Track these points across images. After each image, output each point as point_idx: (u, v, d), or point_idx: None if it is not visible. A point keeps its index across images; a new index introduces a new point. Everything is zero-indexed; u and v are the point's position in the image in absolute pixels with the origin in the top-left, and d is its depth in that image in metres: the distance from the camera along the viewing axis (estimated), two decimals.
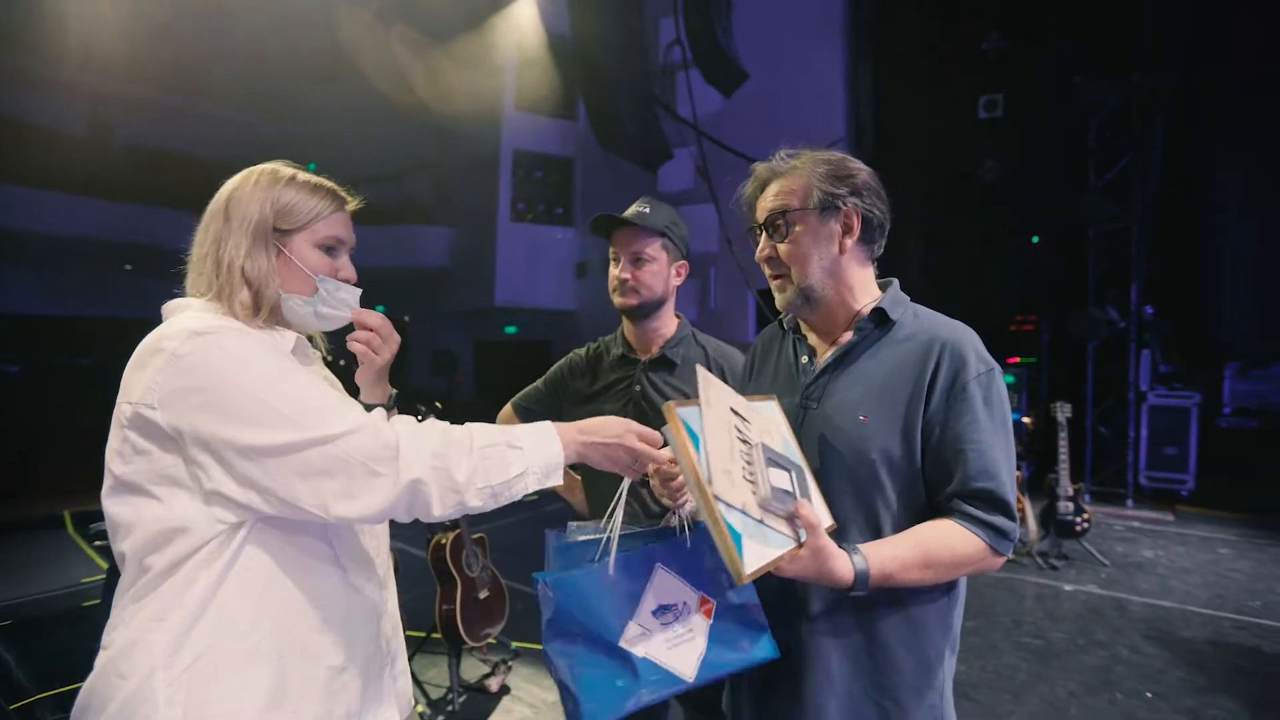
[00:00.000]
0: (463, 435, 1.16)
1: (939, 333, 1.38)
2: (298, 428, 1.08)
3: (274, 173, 1.32)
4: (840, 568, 1.20)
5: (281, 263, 1.29)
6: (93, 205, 12.10)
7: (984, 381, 1.33)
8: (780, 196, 1.45)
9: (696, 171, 11.23)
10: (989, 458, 1.30)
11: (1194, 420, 7.88)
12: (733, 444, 1.20)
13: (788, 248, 1.44)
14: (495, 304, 15.57)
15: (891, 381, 1.37)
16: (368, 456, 1.08)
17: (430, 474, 1.10)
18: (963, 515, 1.29)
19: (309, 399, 1.11)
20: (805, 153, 1.47)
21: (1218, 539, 6.73)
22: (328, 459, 1.07)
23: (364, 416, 1.12)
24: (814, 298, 1.45)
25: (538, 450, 1.23)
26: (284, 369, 1.14)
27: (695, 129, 10.14)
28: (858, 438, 1.36)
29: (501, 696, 3.81)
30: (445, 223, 16.76)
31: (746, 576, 1.08)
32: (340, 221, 1.36)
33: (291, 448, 1.08)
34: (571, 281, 16.65)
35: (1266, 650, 4.35)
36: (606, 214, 2.06)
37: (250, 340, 1.16)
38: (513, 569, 5.28)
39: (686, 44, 9.51)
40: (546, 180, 16.36)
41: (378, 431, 1.10)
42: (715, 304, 12.50)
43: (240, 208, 1.27)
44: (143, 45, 9.60)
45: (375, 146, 14.00)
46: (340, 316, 1.38)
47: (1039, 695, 3.83)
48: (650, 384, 2.07)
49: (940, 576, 1.29)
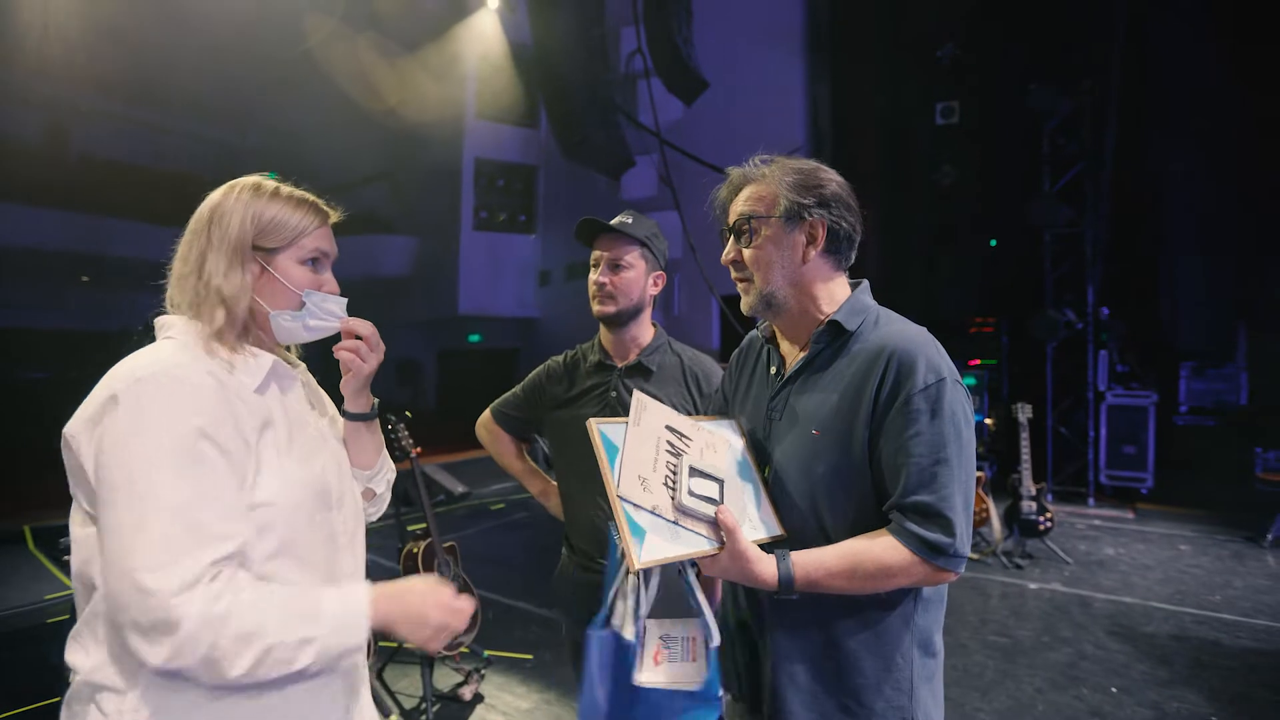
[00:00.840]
0: (267, 637, 1.08)
1: (890, 343, 1.36)
2: (128, 553, 1.03)
3: (256, 187, 1.30)
4: (763, 571, 1.28)
5: (267, 279, 1.28)
6: (48, 216, 11.85)
7: (931, 394, 1.30)
8: (749, 202, 1.46)
9: (659, 179, 11.26)
10: (929, 471, 1.28)
11: (1151, 419, 8.02)
12: (657, 457, 1.33)
13: (752, 253, 1.46)
14: (459, 313, 15.51)
15: (843, 394, 1.38)
16: (153, 625, 1.01)
17: (200, 666, 1.04)
18: (897, 527, 1.29)
19: (166, 525, 1.05)
20: (779, 160, 1.49)
21: (1177, 535, 6.85)
22: (126, 592, 1.02)
23: (188, 580, 1.03)
24: (775, 304, 1.46)
25: (336, 635, 1.15)
26: (180, 468, 1.08)
27: (657, 136, 10.15)
28: (810, 452, 1.39)
29: (475, 705, 3.80)
30: (407, 232, 16.67)
31: (639, 564, 1.19)
32: (324, 235, 1.36)
33: (113, 557, 1.04)
34: (535, 289, 16.62)
35: (1227, 644, 4.42)
36: (591, 218, 2.08)
37: (178, 405, 1.11)
38: (484, 576, 5.27)
39: (647, 53, 9.55)
40: (509, 188, 16.33)
41: (182, 609, 1.02)
42: (679, 310, 12.54)
43: (221, 225, 1.25)
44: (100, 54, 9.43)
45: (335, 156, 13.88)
46: (329, 327, 1.36)
47: (1007, 692, 3.87)
48: (626, 390, 2.08)
49: (868, 587, 1.30)
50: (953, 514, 1.27)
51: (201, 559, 1.05)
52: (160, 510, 1.05)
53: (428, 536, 3.80)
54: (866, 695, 1.38)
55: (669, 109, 11.13)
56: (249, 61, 10.47)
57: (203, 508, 1.08)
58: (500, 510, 8.52)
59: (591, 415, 2.08)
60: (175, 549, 1.04)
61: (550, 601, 5.20)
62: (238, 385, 1.21)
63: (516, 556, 6.76)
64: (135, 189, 12.22)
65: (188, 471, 1.08)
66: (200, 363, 1.18)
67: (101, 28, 8.95)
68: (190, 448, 1.09)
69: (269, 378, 1.28)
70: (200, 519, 1.07)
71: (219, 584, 1.06)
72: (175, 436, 1.08)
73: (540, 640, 4.66)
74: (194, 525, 1.06)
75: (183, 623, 1.01)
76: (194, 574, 1.03)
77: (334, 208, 1.41)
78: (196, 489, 1.08)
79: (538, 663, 4.33)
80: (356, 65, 11.87)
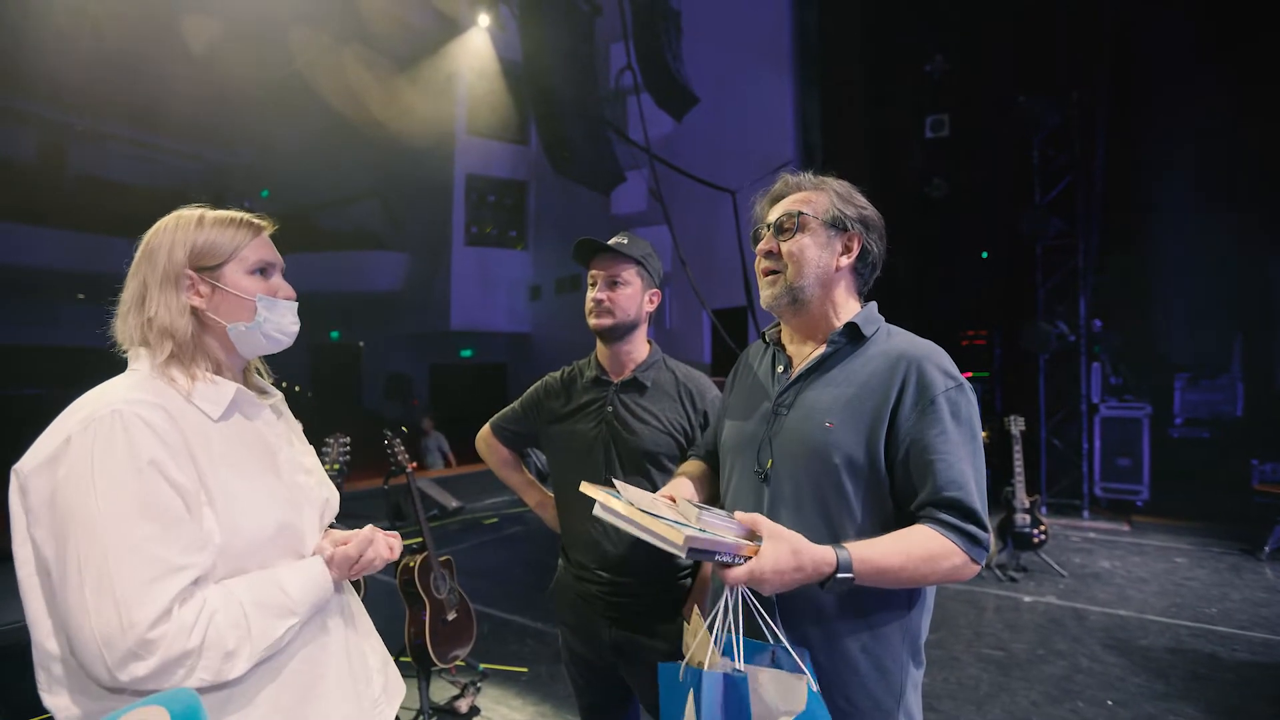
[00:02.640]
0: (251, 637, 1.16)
1: (909, 349, 1.43)
2: (96, 591, 1.04)
3: (178, 218, 1.33)
4: (816, 548, 1.22)
5: (220, 296, 1.30)
6: (45, 234, 12.00)
7: (952, 396, 1.37)
8: (798, 202, 1.54)
9: (649, 194, 11.29)
10: (957, 469, 1.33)
11: (1146, 431, 8.01)
12: (656, 503, 1.35)
13: (790, 246, 1.51)
14: (450, 328, 15.54)
15: (861, 392, 1.41)
16: (127, 655, 1.04)
17: (192, 684, 1.09)
18: (936, 521, 1.31)
19: (131, 562, 1.06)
20: (833, 179, 1.59)
21: (1173, 548, 6.83)
22: (98, 628, 1.04)
23: (159, 612, 1.06)
24: (801, 299, 1.51)
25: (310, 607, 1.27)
26: (137, 505, 1.09)
27: (648, 152, 10.20)
28: (823, 443, 1.40)
29: (471, 717, 3.80)
30: (398, 248, 16.75)
31: (686, 540, 1.12)
32: (263, 245, 1.38)
33: (76, 598, 1.05)
34: (526, 304, 16.65)
35: (1223, 657, 4.38)
36: (588, 239, 2.11)
37: (131, 444, 1.11)
38: (479, 590, 5.23)
39: (637, 69, 9.61)
40: (500, 204, 16.41)
41: (159, 641, 1.06)
42: (670, 324, 12.55)
43: (152, 260, 1.29)
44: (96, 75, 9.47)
45: (327, 174, 13.95)
46: (287, 333, 1.39)
47: (1001, 705, 3.82)
48: (622, 405, 2.12)
49: (917, 574, 1.29)
50: (980, 509, 1.33)
51: (169, 590, 1.07)
52: (122, 549, 1.06)
53: (423, 551, 3.79)
54: (858, 695, 1.40)
55: (659, 125, 11.18)
56: (242, 81, 10.53)
57: (163, 542, 1.10)
58: (494, 524, 8.46)
59: (588, 430, 2.12)
60: (143, 584, 1.06)
61: (546, 614, 5.19)
62: (197, 418, 1.23)
63: (511, 570, 6.71)
64: (131, 208, 12.19)
65: (144, 508, 1.09)
66: (156, 396, 1.19)
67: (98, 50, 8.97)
68: (145, 484, 1.10)
69: (231, 407, 1.30)
70: (161, 553, 1.09)
71: (189, 612, 1.09)
72: (131, 474, 1.09)
73: (535, 654, 4.63)
74: (156, 559, 1.08)
75: (155, 653, 1.04)
76: (164, 605, 1.06)
77: (265, 219, 1.42)
78: (155, 525, 1.10)
79: (533, 676, 4.30)
80: (348, 83, 11.92)
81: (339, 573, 1.33)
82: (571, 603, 2.19)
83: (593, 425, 2.13)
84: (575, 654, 2.21)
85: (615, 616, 2.07)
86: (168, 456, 1.14)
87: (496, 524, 8.50)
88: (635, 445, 2.05)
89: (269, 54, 10.11)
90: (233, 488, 1.22)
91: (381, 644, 1.56)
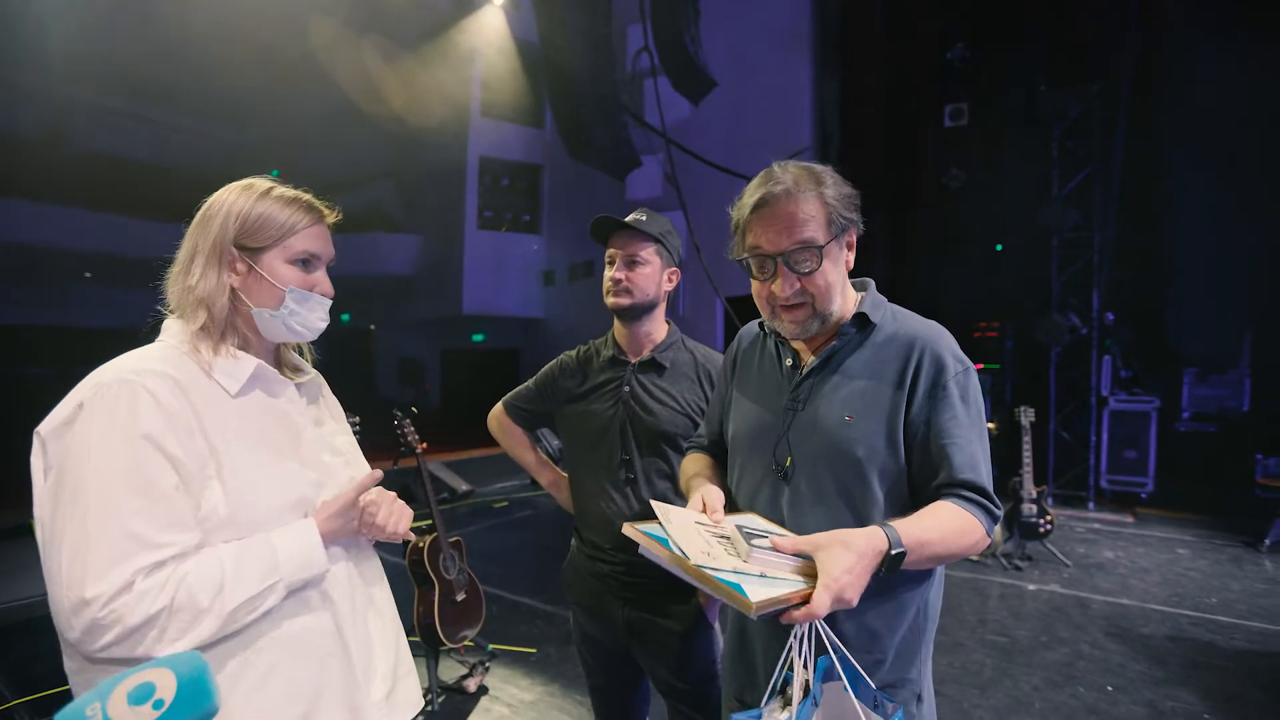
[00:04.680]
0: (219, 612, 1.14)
1: (918, 333, 1.43)
2: (72, 559, 1.07)
3: (247, 186, 1.33)
4: (859, 533, 1.19)
5: (254, 278, 1.30)
6: (51, 212, 11.82)
7: (961, 380, 1.39)
8: (804, 227, 1.37)
9: (665, 179, 11.28)
10: (969, 451, 1.35)
11: (1153, 425, 8.02)
12: (703, 536, 1.27)
13: (818, 281, 1.40)
14: (463, 312, 15.50)
15: (875, 382, 1.41)
16: (88, 629, 1.06)
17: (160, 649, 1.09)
18: (958, 497, 1.33)
19: (107, 534, 1.08)
20: (807, 169, 1.43)
21: (1176, 540, 6.85)
22: (66, 596, 1.06)
23: (118, 586, 1.06)
24: (829, 319, 1.45)
25: (300, 571, 1.24)
26: (124, 478, 1.11)
27: (664, 136, 10.18)
28: (844, 438, 1.40)
29: (479, 697, 3.84)
30: (411, 230, 16.68)
31: (756, 606, 1.07)
32: (315, 235, 1.37)
33: (54, 561, 1.08)
34: (539, 289, 16.62)
35: (1222, 645, 4.43)
36: (606, 216, 2.10)
37: (130, 415, 1.12)
38: (488, 573, 5.29)
39: (655, 52, 9.55)
40: (514, 188, 16.32)
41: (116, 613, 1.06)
42: (683, 311, 12.53)
43: (207, 226, 1.30)
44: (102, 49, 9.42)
45: (339, 154, 13.89)
46: (311, 329, 1.38)
47: (1004, 690, 3.88)
48: (639, 385, 2.10)
49: (954, 546, 1.28)
50: (990, 487, 1.35)
51: (135, 565, 1.08)
52: (102, 520, 1.07)
53: (433, 532, 3.82)
54: (879, 669, 1.41)
55: (676, 108, 11.14)
56: (252, 57, 10.47)
57: (143, 517, 1.10)
58: (503, 508, 8.53)
59: (604, 410, 2.11)
60: (112, 558, 1.06)
61: (555, 596, 5.24)
62: (213, 391, 1.24)
63: (520, 553, 6.78)
64: (137, 186, 12.19)
65: (132, 481, 1.10)
66: (171, 367, 1.20)
67: (103, 23, 8.93)
68: (137, 457, 1.11)
69: (251, 382, 1.30)
70: (139, 529, 1.09)
71: (155, 579, 1.09)
72: (124, 445, 1.11)
73: (544, 635, 4.69)
74: (133, 534, 1.09)
75: (114, 627, 1.05)
76: (124, 580, 1.06)
77: (331, 208, 1.42)
78: (140, 499, 1.10)
79: (541, 656, 4.36)
80: (360, 62, 11.88)
81: (333, 520, 1.31)
82: (585, 583, 2.19)
83: (609, 405, 2.11)
84: (587, 634, 2.22)
85: (629, 597, 2.07)
86: (168, 429, 1.14)
87: (506, 508, 8.56)
88: (653, 426, 2.04)
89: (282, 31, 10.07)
90: (243, 461, 1.22)
91: (407, 653, 1.53)
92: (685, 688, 2.04)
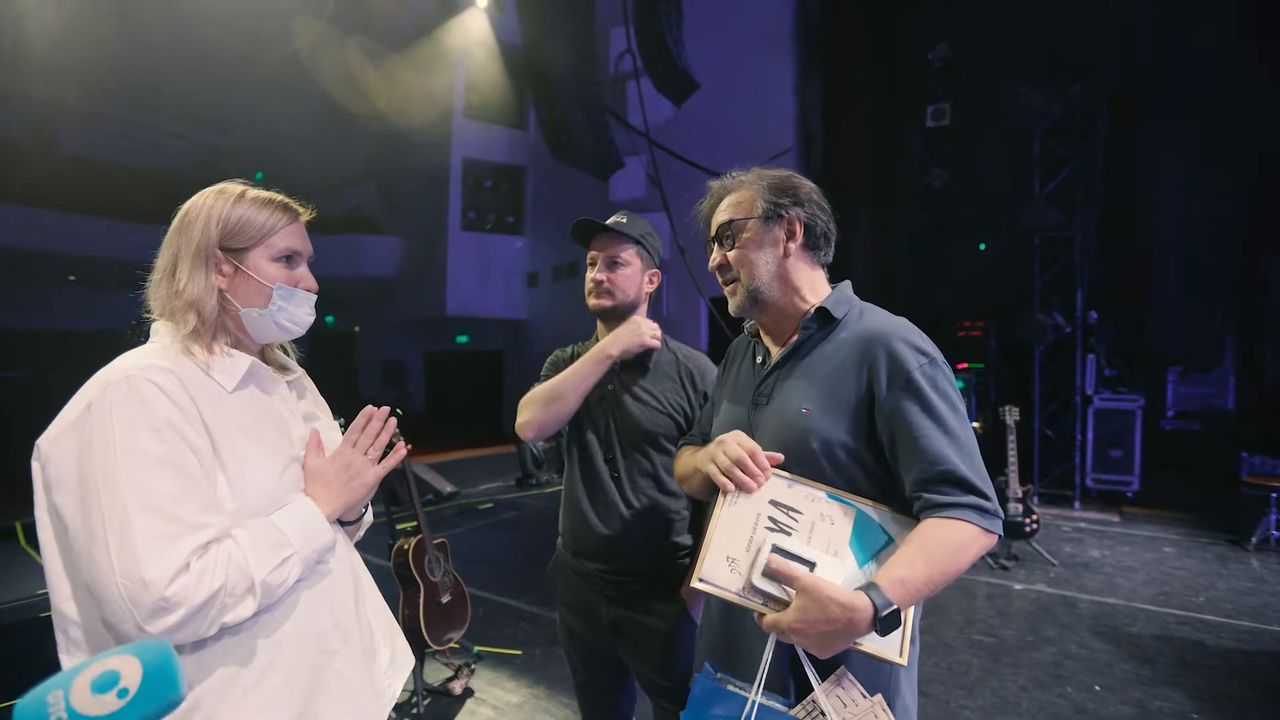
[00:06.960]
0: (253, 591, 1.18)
1: (878, 328, 1.43)
2: (120, 548, 1.08)
3: (221, 192, 1.36)
4: (852, 600, 1.17)
5: (241, 278, 1.33)
6: (35, 215, 11.85)
7: (928, 371, 1.37)
8: (729, 209, 1.56)
9: (648, 180, 11.25)
10: (940, 441, 1.32)
11: (1138, 423, 8.06)
12: (754, 535, 1.32)
13: (736, 254, 1.54)
14: (446, 313, 15.44)
15: (835, 376, 1.43)
16: (152, 611, 1.07)
17: (209, 629, 1.14)
18: (936, 504, 1.30)
19: (151, 520, 1.10)
20: (754, 170, 1.59)
21: (1162, 538, 6.88)
22: (122, 585, 1.07)
23: (176, 567, 1.09)
24: (761, 299, 1.53)
25: (308, 544, 1.28)
26: (156, 466, 1.13)
27: (647, 138, 10.16)
28: (800, 429, 1.42)
29: (465, 699, 3.84)
30: (394, 232, 16.65)
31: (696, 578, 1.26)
32: (295, 233, 1.40)
33: (102, 555, 1.08)
34: (523, 291, 16.56)
35: (1209, 644, 4.44)
36: (587, 219, 2.13)
37: (149, 406, 1.15)
38: (474, 575, 5.26)
39: (637, 53, 9.54)
40: (497, 189, 16.26)
41: (178, 595, 1.09)
42: (668, 311, 12.52)
43: (187, 231, 1.32)
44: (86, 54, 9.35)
45: (322, 156, 13.82)
46: (300, 324, 1.41)
47: (991, 690, 3.87)
48: (623, 384, 2.13)
49: (949, 570, 1.24)
50: (977, 477, 1.32)
51: (186, 546, 1.11)
52: (143, 506, 1.09)
53: (418, 534, 3.81)
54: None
55: (658, 110, 11.11)
56: (234, 61, 10.42)
57: (181, 501, 1.13)
58: (488, 510, 8.48)
59: (590, 407, 2.13)
60: (162, 541, 1.09)
61: (541, 598, 5.22)
62: (212, 387, 1.26)
63: (505, 555, 6.74)
64: (120, 189, 12.25)
65: (164, 467, 1.13)
66: (173, 365, 1.22)
67: (87, 27, 8.87)
68: (165, 444, 1.14)
69: (246, 378, 1.33)
70: (179, 512, 1.12)
71: (206, 562, 1.12)
72: (150, 434, 1.13)
73: (529, 637, 4.67)
74: (175, 518, 1.12)
75: (180, 607, 1.08)
76: (181, 561, 1.09)
77: (305, 206, 1.45)
78: (175, 483, 1.13)
79: (527, 658, 4.35)
80: (343, 64, 11.82)
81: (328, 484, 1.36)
82: (570, 582, 2.19)
83: (593, 404, 2.14)
84: (573, 634, 2.22)
85: (614, 596, 2.08)
86: (183, 419, 1.17)
87: (491, 509, 8.52)
88: (635, 425, 2.07)
89: (263, 35, 10.00)
90: (244, 453, 1.25)
91: (389, 615, 1.58)
92: (670, 686, 2.05)
